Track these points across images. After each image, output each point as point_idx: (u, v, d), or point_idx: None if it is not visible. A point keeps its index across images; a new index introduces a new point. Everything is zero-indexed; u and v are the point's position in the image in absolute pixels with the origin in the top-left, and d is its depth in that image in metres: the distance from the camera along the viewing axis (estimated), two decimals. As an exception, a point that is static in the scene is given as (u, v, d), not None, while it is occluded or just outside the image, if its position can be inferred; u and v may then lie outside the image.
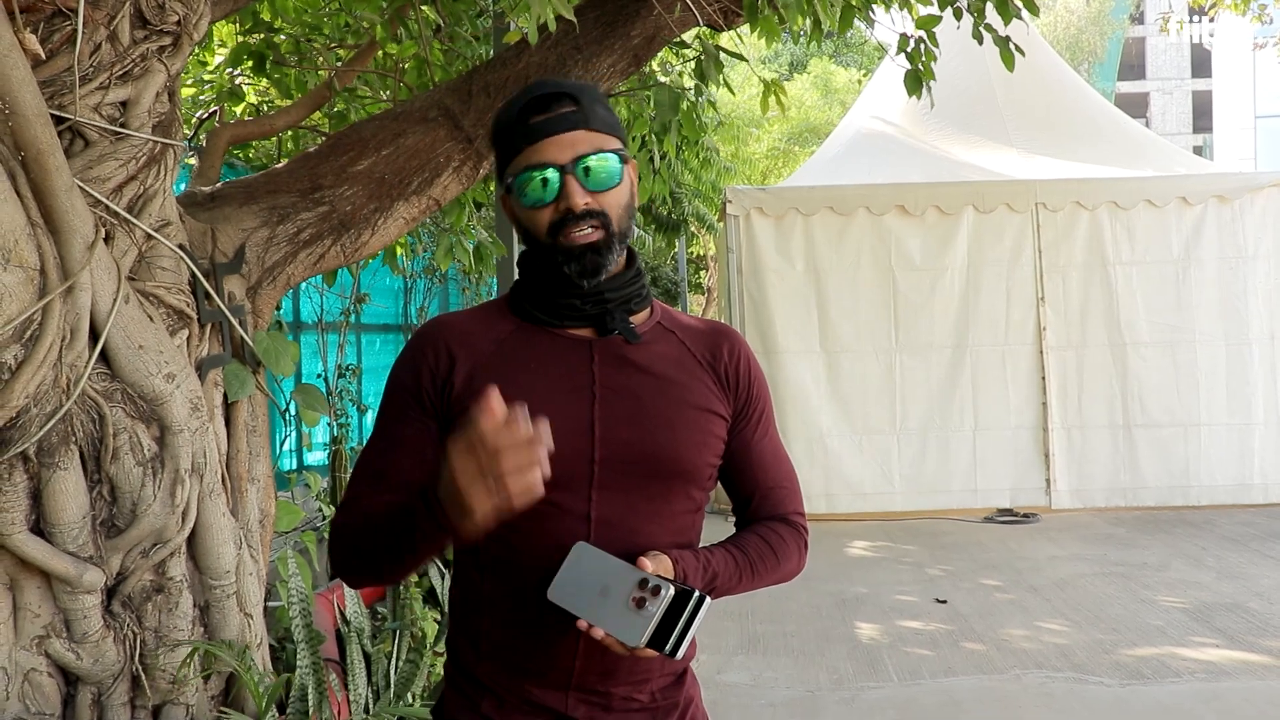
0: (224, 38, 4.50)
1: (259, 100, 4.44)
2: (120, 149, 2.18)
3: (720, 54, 3.27)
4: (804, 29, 3.01)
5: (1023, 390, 7.28)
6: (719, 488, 1.42)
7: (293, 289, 2.83)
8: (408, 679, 2.92)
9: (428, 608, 3.60)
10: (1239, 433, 7.21)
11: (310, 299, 5.70)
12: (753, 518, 1.38)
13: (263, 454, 2.61)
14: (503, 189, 1.28)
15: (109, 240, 2.17)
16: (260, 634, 2.49)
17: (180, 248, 2.34)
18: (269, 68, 3.95)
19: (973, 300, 7.30)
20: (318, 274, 2.80)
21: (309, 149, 3.36)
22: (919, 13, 3.55)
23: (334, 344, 5.58)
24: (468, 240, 4.70)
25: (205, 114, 3.92)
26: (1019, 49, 3.40)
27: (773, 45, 3.37)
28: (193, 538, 2.30)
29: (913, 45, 3.47)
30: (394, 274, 5.97)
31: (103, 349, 2.11)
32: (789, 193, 7.50)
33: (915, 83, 3.48)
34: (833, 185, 7.44)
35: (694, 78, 3.50)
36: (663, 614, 1.11)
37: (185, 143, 2.56)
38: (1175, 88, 40.35)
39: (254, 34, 3.98)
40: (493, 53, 4.05)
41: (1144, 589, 5.18)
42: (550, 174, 1.23)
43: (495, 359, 1.28)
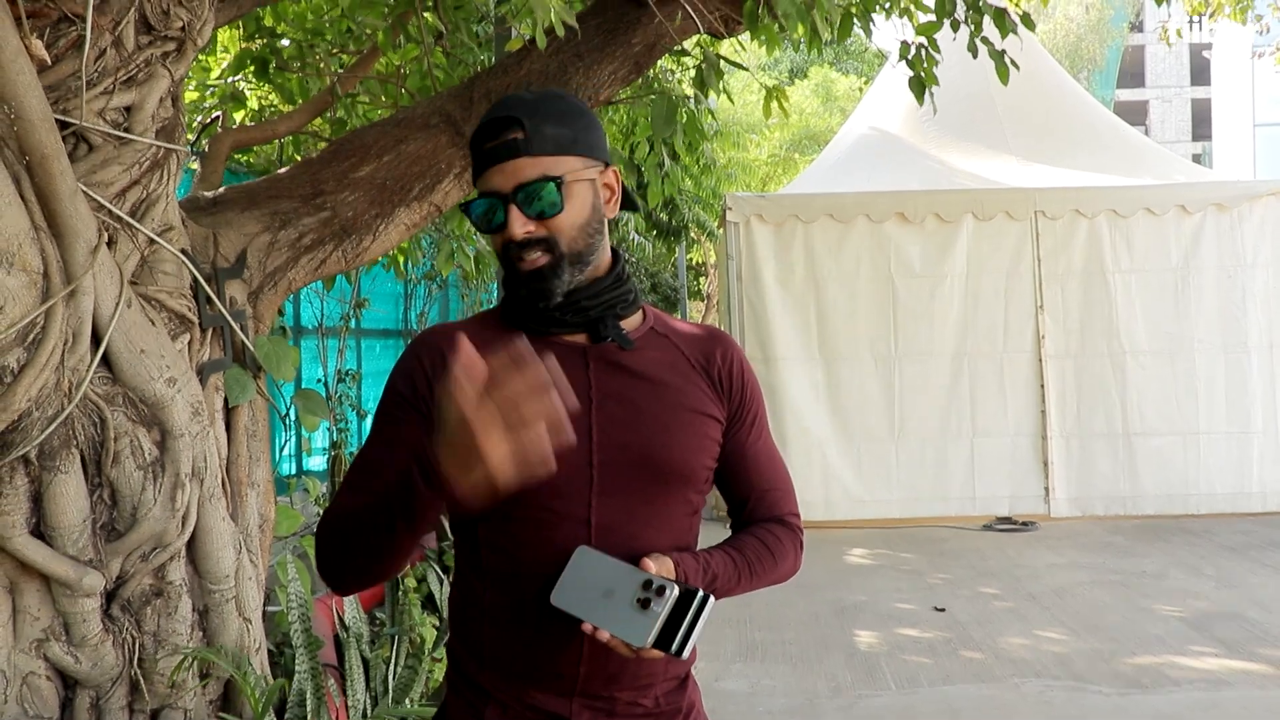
0: (227, 43, 4.52)
1: (261, 106, 4.45)
2: (124, 154, 2.19)
3: (721, 62, 3.29)
4: (804, 36, 3.02)
5: (1021, 398, 7.29)
6: (715, 494, 1.42)
7: (293, 294, 2.83)
8: (406, 684, 2.92)
9: (426, 613, 3.60)
10: (1238, 441, 7.21)
11: (311, 304, 5.71)
12: (748, 520, 1.39)
13: (263, 459, 2.61)
14: (465, 213, 1.30)
15: (112, 244, 2.18)
16: (259, 638, 2.50)
17: (182, 252, 2.35)
18: (271, 73, 3.97)
19: (972, 308, 7.30)
20: (319, 279, 2.81)
21: (311, 155, 3.37)
22: (919, 20, 3.56)
23: (334, 349, 5.58)
24: (468, 246, 4.71)
25: (208, 119, 3.93)
26: (1014, 63, 3.42)
27: (773, 53, 3.38)
28: (192, 542, 2.30)
29: (914, 52, 3.49)
30: (397, 279, 5.98)
31: (104, 353, 2.12)
32: (788, 200, 7.51)
33: (920, 88, 3.50)
34: (832, 192, 7.45)
35: (694, 86, 3.51)
36: (668, 614, 1.12)
37: (188, 148, 2.57)
38: (1174, 96, 40.43)
39: (257, 40, 4.00)
40: (494, 59, 4.06)
41: (1143, 597, 5.18)
42: (493, 204, 1.25)
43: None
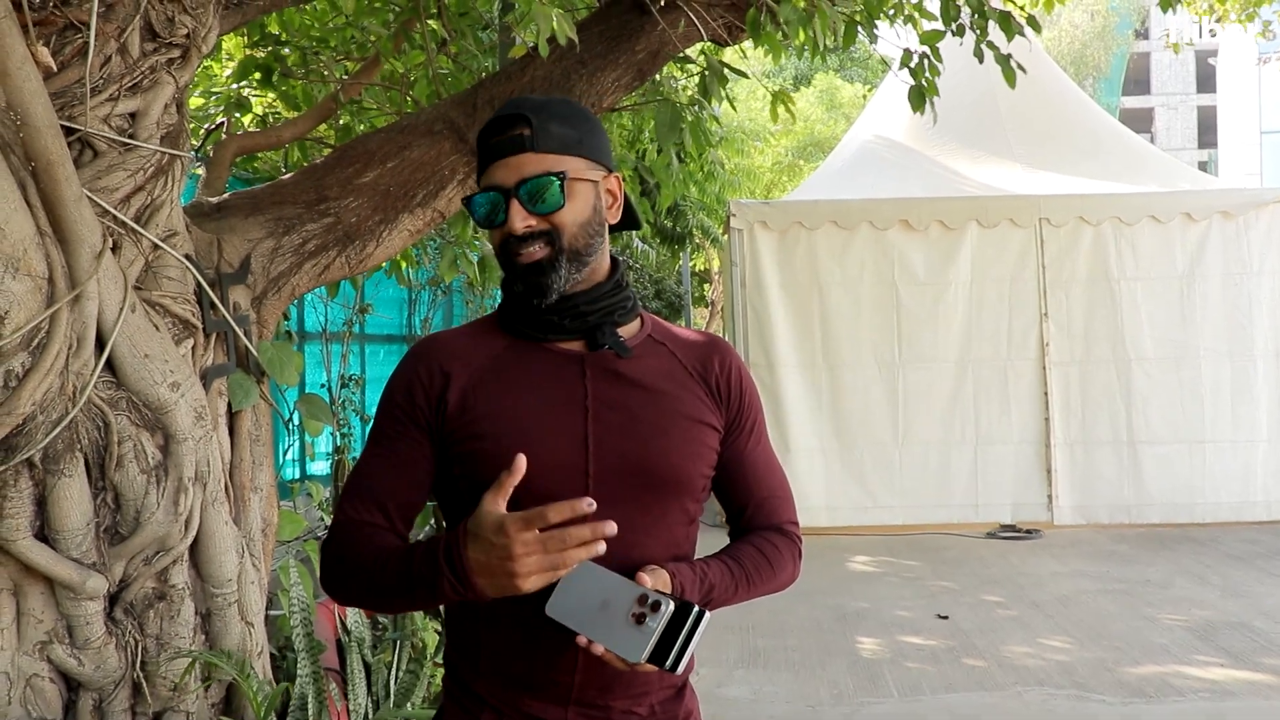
0: (232, 50, 4.54)
1: (266, 112, 4.47)
2: (129, 160, 2.20)
3: (724, 69, 3.29)
4: (806, 44, 3.03)
5: (1025, 405, 7.28)
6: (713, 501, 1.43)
7: (297, 299, 2.85)
8: (408, 689, 2.92)
9: (428, 618, 3.60)
10: (1243, 449, 7.19)
11: (315, 309, 5.73)
12: (747, 527, 1.39)
13: (266, 463, 2.62)
14: (467, 208, 1.31)
15: (116, 250, 2.19)
16: (261, 642, 2.50)
17: (186, 258, 2.36)
18: (276, 80, 3.99)
19: (976, 315, 7.30)
20: (323, 285, 2.82)
21: (315, 161, 3.38)
22: (923, 28, 3.56)
23: (338, 354, 5.60)
24: (472, 253, 4.71)
25: (213, 125, 3.95)
26: (1020, 66, 3.41)
27: (778, 60, 3.38)
28: (195, 546, 2.31)
29: (916, 61, 3.48)
30: (400, 285, 5.99)
31: (109, 357, 2.13)
32: (792, 206, 7.52)
33: (919, 98, 3.49)
34: (836, 199, 7.46)
35: (697, 94, 3.51)
36: (663, 629, 1.11)
37: (192, 154, 2.58)
38: (1180, 103, 40.39)
39: (262, 47, 4.02)
40: (498, 66, 4.08)
41: (1147, 606, 5.16)
42: (495, 197, 1.26)
43: (489, 376, 1.29)
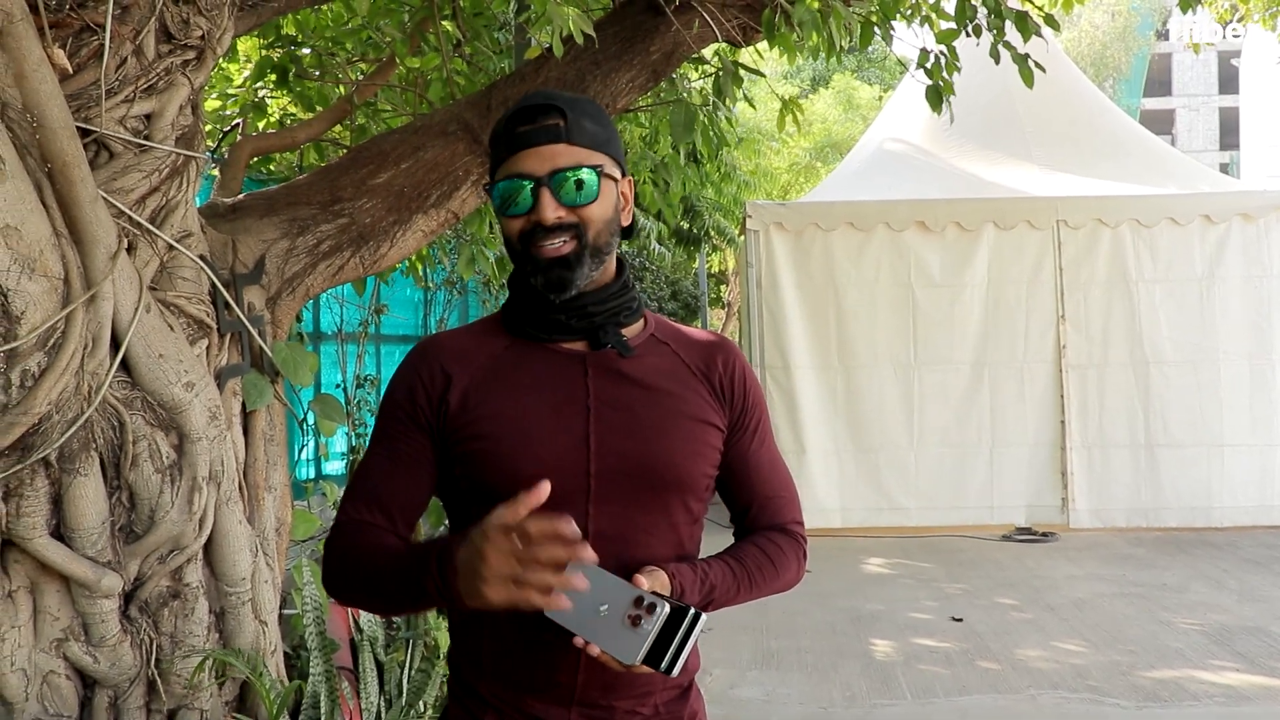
0: (248, 52, 4.57)
1: (281, 113, 4.50)
2: (144, 161, 2.22)
3: (739, 70, 3.29)
4: (821, 45, 3.02)
5: (1041, 408, 7.24)
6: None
7: (312, 299, 2.86)
8: (420, 688, 2.93)
9: (441, 618, 3.61)
10: (1262, 453, 7.13)
11: (330, 309, 5.75)
12: (751, 527, 1.39)
13: (280, 463, 2.64)
14: (484, 194, 1.30)
15: (131, 250, 2.21)
16: (275, 641, 2.52)
17: (201, 258, 2.38)
18: (291, 81, 4.01)
19: (992, 317, 7.26)
20: (337, 285, 2.83)
21: (330, 162, 3.40)
22: (939, 27, 3.55)
23: (353, 354, 5.62)
24: (489, 251, 4.72)
25: (228, 127, 3.97)
26: (1039, 65, 3.39)
27: (795, 61, 3.37)
28: (209, 545, 2.33)
29: (933, 60, 3.47)
30: (416, 285, 6.01)
31: (124, 357, 2.15)
32: (809, 208, 7.51)
33: (936, 98, 3.48)
34: (852, 201, 7.44)
35: (712, 95, 3.51)
36: (658, 632, 1.11)
37: (208, 155, 2.60)
38: (1202, 104, 40.07)
39: (277, 48, 4.04)
40: (513, 68, 4.09)
41: (1163, 610, 5.12)
42: (525, 185, 1.24)
43: (490, 376, 1.28)
